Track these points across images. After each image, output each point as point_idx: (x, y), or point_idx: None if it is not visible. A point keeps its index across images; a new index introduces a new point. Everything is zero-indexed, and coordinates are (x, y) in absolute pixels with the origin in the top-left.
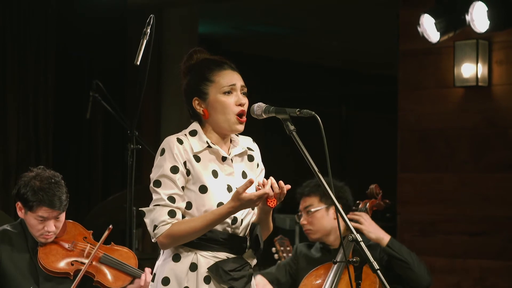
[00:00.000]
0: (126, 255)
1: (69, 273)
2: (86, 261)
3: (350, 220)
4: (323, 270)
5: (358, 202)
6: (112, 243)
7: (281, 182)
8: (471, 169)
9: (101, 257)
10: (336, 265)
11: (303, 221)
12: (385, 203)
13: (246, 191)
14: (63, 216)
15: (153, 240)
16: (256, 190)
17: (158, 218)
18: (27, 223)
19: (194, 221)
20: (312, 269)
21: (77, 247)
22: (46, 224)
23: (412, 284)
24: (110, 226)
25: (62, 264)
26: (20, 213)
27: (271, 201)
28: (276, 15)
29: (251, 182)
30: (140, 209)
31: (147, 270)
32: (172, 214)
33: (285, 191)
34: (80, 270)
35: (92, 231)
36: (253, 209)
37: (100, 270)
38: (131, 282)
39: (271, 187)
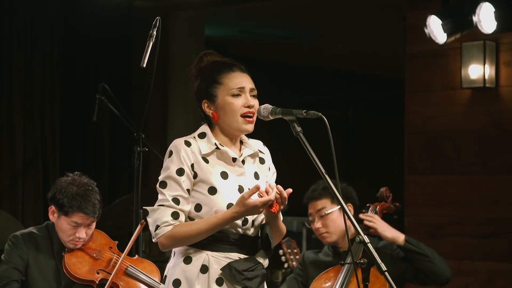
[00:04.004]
0: (149, 268)
1: (94, 282)
2: (111, 271)
3: (363, 221)
4: (333, 272)
5: (368, 205)
6: (136, 255)
7: (279, 186)
8: (478, 171)
9: (127, 268)
10: (345, 267)
11: (317, 225)
12: (395, 206)
13: (252, 197)
14: (94, 224)
15: (153, 240)
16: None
17: (160, 219)
18: (58, 227)
19: (197, 224)
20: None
21: (104, 257)
22: (78, 230)
23: (434, 277)
24: (143, 221)
25: (88, 272)
26: (52, 217)
27: (274, 207)
28: (282, 18)
29: (257, 188)
30: (143, 207)
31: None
32: (175, 215)
33: (285, 195)
34: (105, 279)
35: (117, 242)
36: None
37: (124, 280)
38: None
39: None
